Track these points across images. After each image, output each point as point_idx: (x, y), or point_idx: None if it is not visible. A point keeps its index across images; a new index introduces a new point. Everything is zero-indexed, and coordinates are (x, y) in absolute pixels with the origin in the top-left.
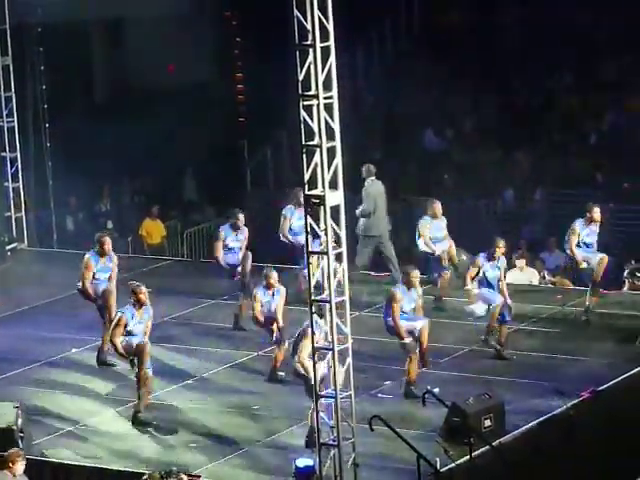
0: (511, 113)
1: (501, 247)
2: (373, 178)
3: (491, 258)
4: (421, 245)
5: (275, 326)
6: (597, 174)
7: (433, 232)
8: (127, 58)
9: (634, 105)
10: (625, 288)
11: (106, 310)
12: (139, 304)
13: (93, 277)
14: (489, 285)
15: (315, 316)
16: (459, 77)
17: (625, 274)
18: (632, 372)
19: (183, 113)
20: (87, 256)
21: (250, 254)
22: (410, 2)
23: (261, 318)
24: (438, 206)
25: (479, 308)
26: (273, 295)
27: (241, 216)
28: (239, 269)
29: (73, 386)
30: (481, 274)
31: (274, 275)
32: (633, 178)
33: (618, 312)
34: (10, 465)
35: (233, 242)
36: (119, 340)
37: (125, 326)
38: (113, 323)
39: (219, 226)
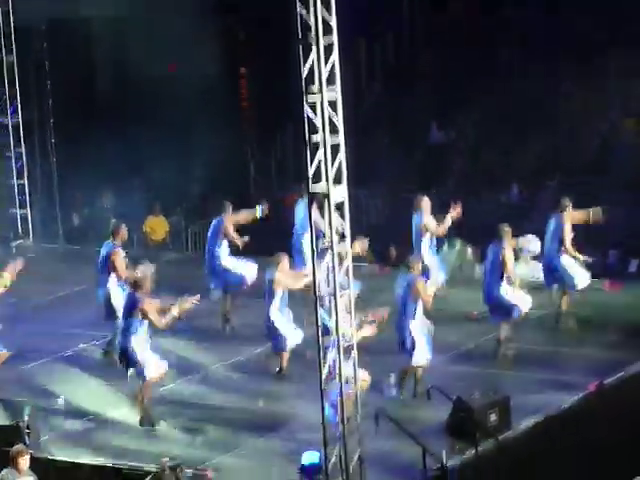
0: (515, 106)
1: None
2: None
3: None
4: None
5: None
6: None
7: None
8: (130, 56)
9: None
10: None
11: None
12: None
13: None
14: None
15: (321, 310)
16: (463, 70)
17: None
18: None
19: (187, 109)
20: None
21: None
22: None
23: None
24: (418, 200)
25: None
26: None
27: None
28: None
29: (80, 382)
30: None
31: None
32: None
33: (622, 305)
34: (14, 461)
35: None
36: None
37: None
38: None
39: None
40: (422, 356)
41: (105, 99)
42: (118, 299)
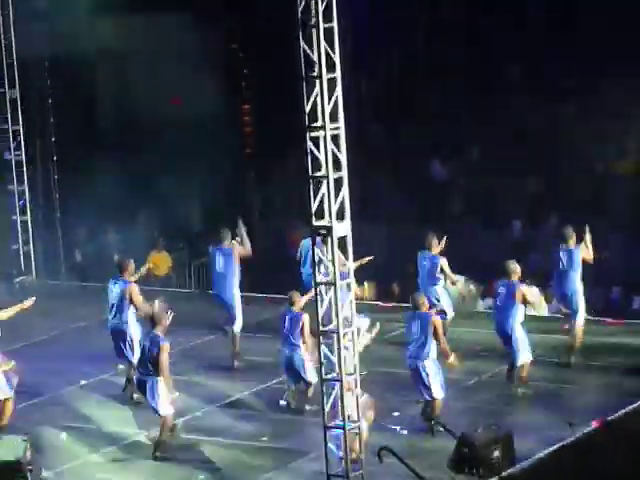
0: (517, 141)
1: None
2: None
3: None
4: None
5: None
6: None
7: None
8: (132, 90)
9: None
10: None
11: None
12: None
13: None
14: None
15: (323, 347)
16: (463, 107)
17: None
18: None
19: (190, 144)
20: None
21: None
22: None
23: None
24: (430, 237)
25: None
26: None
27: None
28: None
29: (82, 419)
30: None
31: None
32: None
33: (625, 341)
34: None
35: None
36: None
37: None
38: None
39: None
40: (439, 392)
41: (108, 134)
42: (137, 335)
